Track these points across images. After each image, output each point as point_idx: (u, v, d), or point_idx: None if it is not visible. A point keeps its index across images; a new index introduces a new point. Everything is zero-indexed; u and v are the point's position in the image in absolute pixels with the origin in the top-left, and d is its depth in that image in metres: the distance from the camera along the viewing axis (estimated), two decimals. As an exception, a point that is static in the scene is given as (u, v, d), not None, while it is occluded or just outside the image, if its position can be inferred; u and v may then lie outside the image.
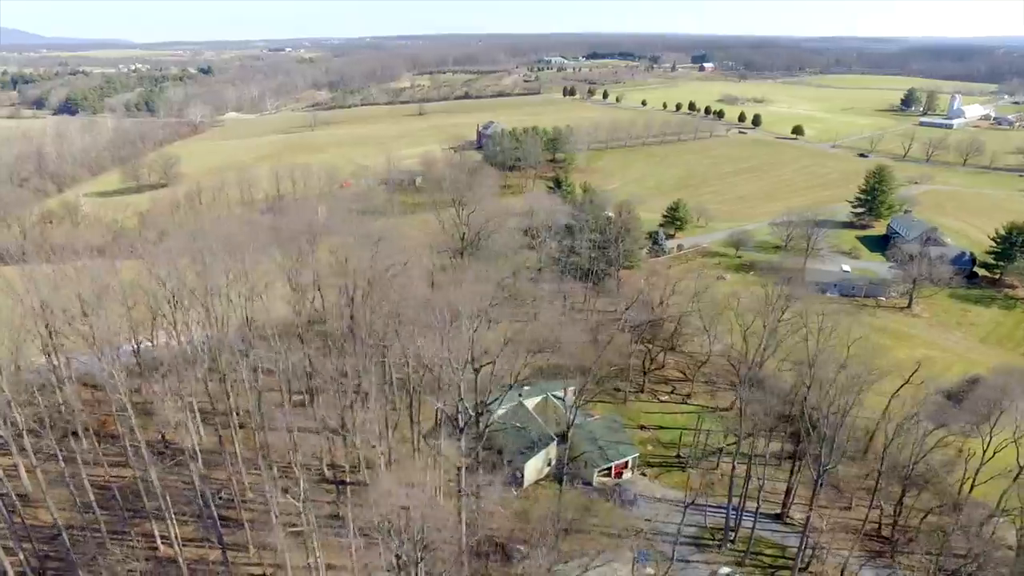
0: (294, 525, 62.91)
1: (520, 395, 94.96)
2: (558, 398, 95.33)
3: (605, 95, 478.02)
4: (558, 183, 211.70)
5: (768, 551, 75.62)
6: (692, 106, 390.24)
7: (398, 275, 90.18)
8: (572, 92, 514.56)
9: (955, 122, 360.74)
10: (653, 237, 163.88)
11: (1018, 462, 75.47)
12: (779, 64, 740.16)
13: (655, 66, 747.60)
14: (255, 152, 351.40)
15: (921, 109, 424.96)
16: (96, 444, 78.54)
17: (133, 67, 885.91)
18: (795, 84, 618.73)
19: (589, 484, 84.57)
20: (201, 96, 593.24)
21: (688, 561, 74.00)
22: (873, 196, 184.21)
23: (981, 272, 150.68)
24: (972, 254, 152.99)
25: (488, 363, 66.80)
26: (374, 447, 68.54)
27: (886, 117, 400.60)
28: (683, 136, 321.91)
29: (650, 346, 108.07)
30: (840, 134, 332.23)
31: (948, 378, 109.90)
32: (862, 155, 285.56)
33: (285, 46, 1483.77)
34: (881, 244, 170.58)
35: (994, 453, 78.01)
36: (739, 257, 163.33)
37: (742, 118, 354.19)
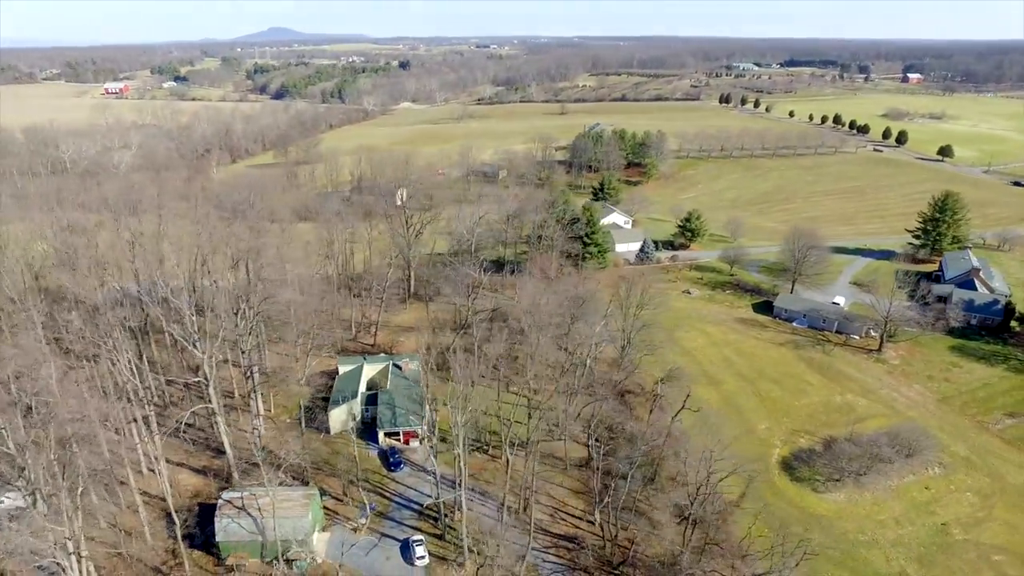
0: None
1: (364, 359, 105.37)
2: (398, 367, 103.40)
3: (756, 104, 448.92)
4: (602, 187, 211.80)
5: (476, 536, 77.47)
6: (837, 119, 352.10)
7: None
8: (727, 100, 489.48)
9: None
10: (643, 245, 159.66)
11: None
12: (1013, 73, 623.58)
13: (844, 76, 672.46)
14: (393, 138, 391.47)
15: None
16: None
17: (350, 59, 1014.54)
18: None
19: (376, 442, 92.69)
20: (385, 87, 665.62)
21: (400, 523, 79.55)
22: (935, 227, 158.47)
23: (1016, 327, 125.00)
24: (1007, 304, 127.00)
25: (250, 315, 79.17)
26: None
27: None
28: (801, 150, 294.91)
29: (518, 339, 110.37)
30: (1014, 158, 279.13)
31: (855, 428, 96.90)
32: (1017, 183, 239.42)
33: (493, 43, 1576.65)
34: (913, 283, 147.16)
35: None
36: (732, 275, 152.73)
37: (886, 134, 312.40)
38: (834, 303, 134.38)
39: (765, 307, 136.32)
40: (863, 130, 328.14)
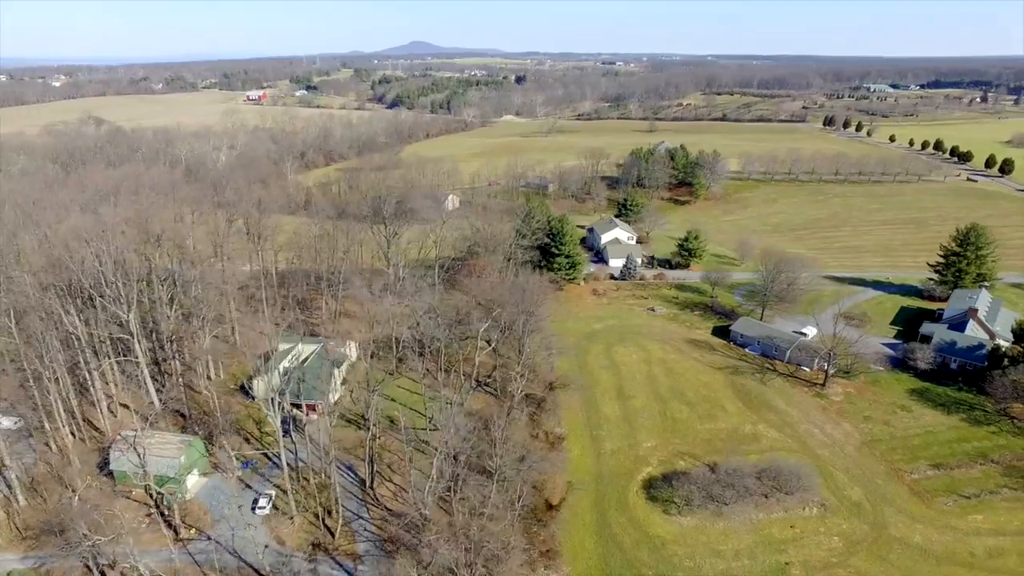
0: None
1: (301, 340, 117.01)
2: (326, 349, 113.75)
3: (858, 127, 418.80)
4: (625, 203, 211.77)
5: (318, 496, 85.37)
6: (937, 145, 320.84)
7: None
8: (830, 122, 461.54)
9: None
10: (629, 259, 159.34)
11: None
12: None
13: (987, 98, 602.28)
14: (471, 149, 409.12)
15: None
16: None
17: (472, 72, 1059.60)
18: None
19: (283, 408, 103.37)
20: (492, 100, 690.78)
21: (268, 479, 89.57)
22: (957, 261, 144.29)
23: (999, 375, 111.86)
24: (995, 350, 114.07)
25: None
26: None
27: None
28: (878, 176, 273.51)
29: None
30: None
31: (739, 459, 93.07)
32: None
33: (621, 60, 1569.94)
34: (912, 320, 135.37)
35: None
36: (712, 297, 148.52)
37: (989, 163, 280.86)
38: (800, 333, 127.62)
39: (726, 331, 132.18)
40: (964, 157, 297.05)
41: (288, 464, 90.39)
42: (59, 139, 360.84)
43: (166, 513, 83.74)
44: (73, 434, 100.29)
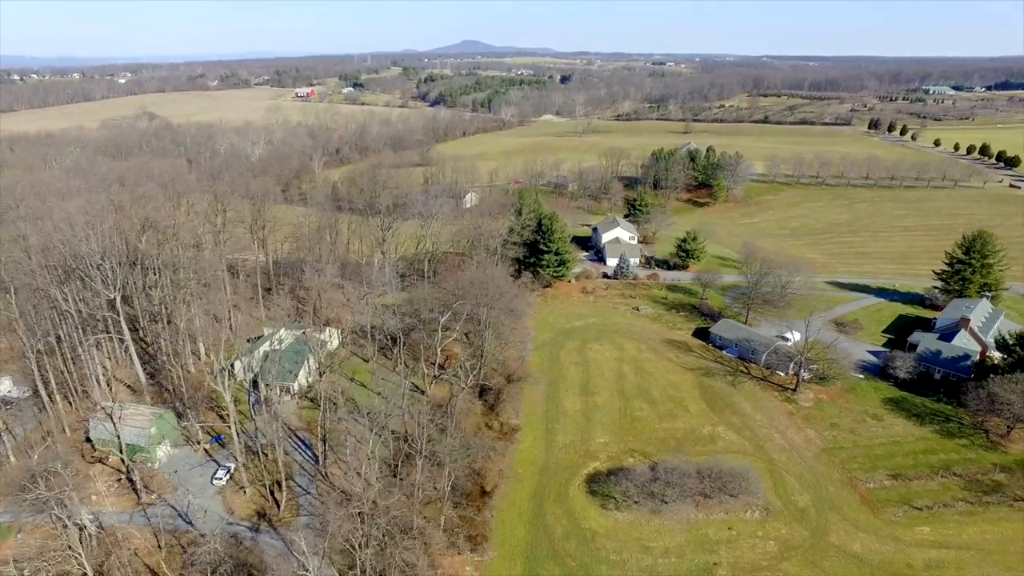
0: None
1: (285, 326, 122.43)
2: (305, 335, 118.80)
3: (903, 131, 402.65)
4: (634, 203, 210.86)
5: (271, 470, 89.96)
6: (984, 150, 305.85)
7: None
8: (875, 125, 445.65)
9: None
10: (622, 259, 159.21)
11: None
12: None
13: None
14: (501, 147, 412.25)
15: None
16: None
17: (518, 71, 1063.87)
18: None
19: (258, 389, 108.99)
20: (532, 100, 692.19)
21: (231, 454, 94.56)
22: (962, 270, 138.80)
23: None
24: (982, 361, 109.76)
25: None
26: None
27: None
28: (911, 182, 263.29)
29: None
30: None
31: (684, 458, 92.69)
32: None
33: (671, 60, 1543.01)
34: (906, 329, 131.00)
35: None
36: (703, 298, 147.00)
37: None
38: (783, 337, 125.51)
39: (707, 333, 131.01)
40: (1012, 162, 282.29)
41: (249, 439, 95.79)
42: (112, 133, 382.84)
43: (134, 479, 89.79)
44: (70, 403, 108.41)
